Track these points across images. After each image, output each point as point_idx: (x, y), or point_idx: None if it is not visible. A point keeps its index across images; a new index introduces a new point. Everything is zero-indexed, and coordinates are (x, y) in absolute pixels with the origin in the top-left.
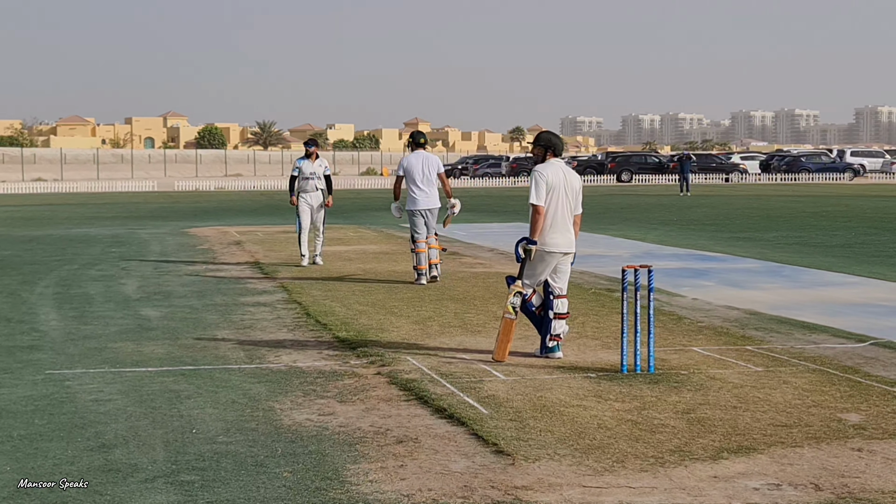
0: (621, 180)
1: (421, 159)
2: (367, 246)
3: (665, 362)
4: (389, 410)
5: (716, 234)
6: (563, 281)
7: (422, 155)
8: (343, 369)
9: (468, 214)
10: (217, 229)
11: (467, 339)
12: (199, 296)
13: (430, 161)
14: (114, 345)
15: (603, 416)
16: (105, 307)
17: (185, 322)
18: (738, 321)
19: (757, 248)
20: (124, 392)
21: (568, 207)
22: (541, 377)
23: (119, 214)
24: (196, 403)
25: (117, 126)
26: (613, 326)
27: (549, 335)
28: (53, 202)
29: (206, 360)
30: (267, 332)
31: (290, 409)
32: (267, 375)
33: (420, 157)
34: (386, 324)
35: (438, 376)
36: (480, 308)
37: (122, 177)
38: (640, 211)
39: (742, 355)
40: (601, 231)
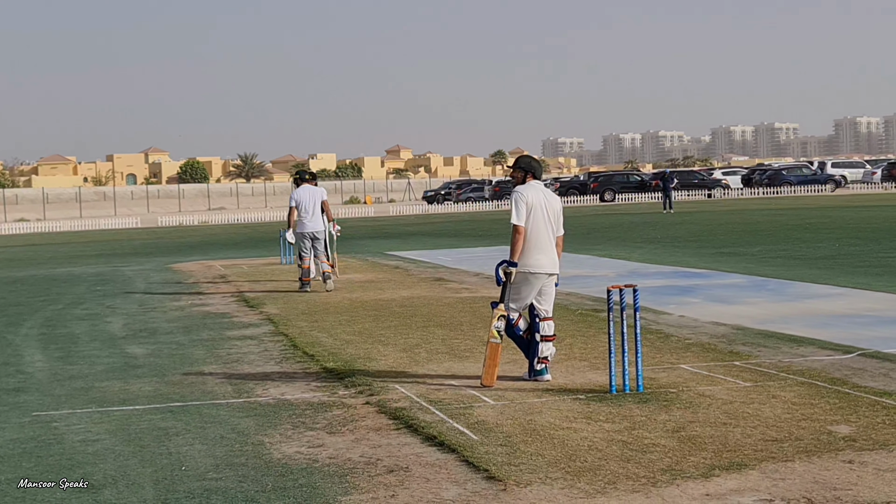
0: (604, 200)
1: (308, 192)
2: (353, 275)
3: (654, 381)
4: (379, 440)
5: (700, 251)
6: (548, 303)
7: (308, 188)
8: (331, 400)
9: (453, 240)
10: (202, 264)
11: (455, 365)
12: (185, 331)
13: (314, 193)
14: (100, 384)
15: (593, 438)
16: (91, 346)
17: (171, 358)
18: (726, 337)
19: (742, 263)
20: (112, 431)
21: (549, 229)
22: (530, 401)
23: (103, 252)
24: (185, 440)
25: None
26: (601, 347)
27: (537, 358)
28: (36, 242)
29: (193, 395)
30: (254, 366)
31: (279, 442)
32: (255, 409)
33: (307, 190)
34: (373, 353)
35: (427, 403)
36: (467, 333)
37: (104, 214)
38: (623, 230)
39: (730, 371)
40: (586, 251)
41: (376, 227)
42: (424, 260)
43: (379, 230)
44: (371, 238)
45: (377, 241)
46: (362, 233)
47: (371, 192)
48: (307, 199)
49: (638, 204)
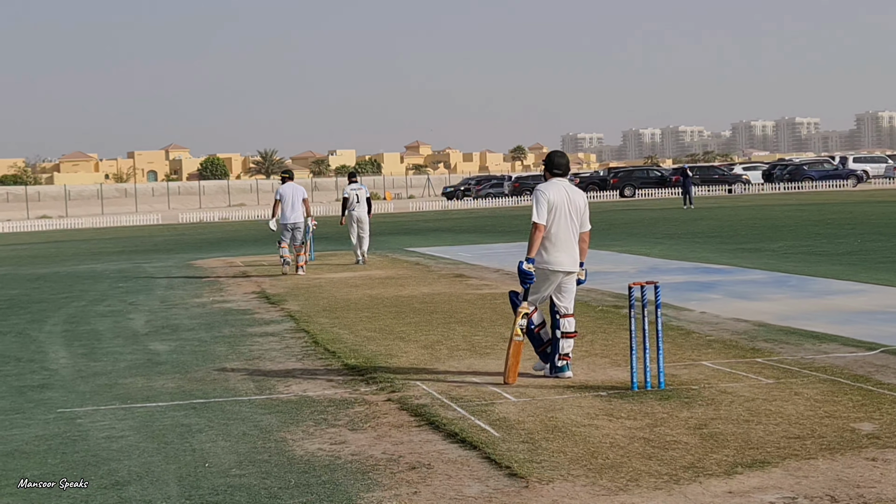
0: (624, 195)
1: (291, 189)
2: (373, 271)
3: (675, 378)
4: (401, 437)
5: (721, 247)
6: (568, 300)
7: (291, 185)
8: (353, 397)
9: (472, 236)
10: (223, 260)
11: (476, 362)
12: (207, 328)
13: (296, 190)
14: (124, 381)
15: (615, 435)
16: (114, 343)
17: (194, 355)
18: (747, 333)
19: (763, 259)
20: (136, 428)
21: (572, 226)
22: (551, 397)
23: (124, 249)
24: (208, 437)
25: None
26: (622, 343)
27: (558, 355)
28: (59, 239)
29: (216, 392)
30: (276, 363)
31: (301, 439)
32: (277, 406)
33: (290, 187)
34: (394, 349)
35: (449, 400)
36: (488, 330)
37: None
38: (644, 225)
39: (752, 368)
40: (606, 247)
41: (396, 223)
42: (444, 256)
43: (399, 226)
44: (391, 234)
45: (397, 237)
46: (382, 229)
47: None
48: (290, 194)
49: (658, 199)
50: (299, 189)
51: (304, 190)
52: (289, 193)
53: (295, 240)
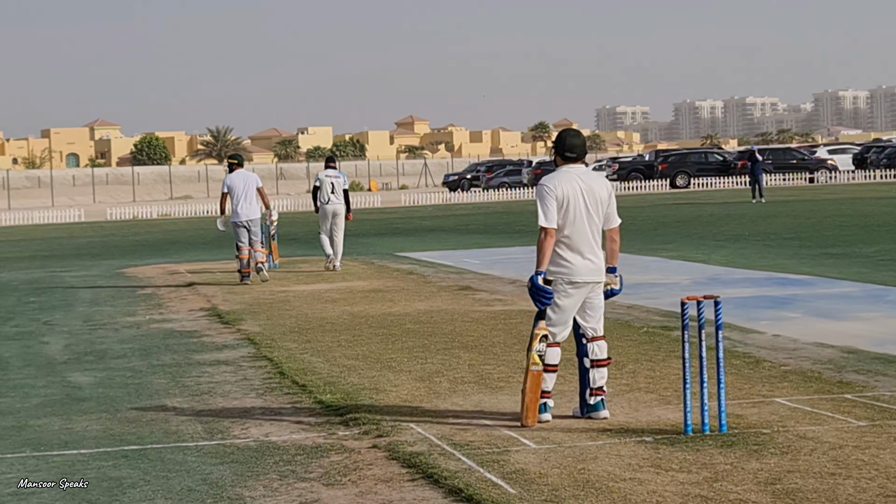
0: (676, 185)
1: (242, 178)
2: (355, 282)
3: (741, 419)
4: (390, 494)
5: (800, 251)
6: (595, 319)
7: (242, 174)
8: (329, 443)
9: (481, 237)
10: (163, 268)
11: (486, 399)
12: (142, 355)
13: (248, 179)
14: (36, 422)
15: (664, 492)
16: (24, 373)
17: (125, 389)
18: (833, 362)
19: (854, 268)
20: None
21: (592, 225)
22: (582, 444)
23: (37, 253)
24: (142, 493)
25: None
26: (673, 375)
27: (589, 389)
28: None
29: (153, 437)
30: (230, 399)
31: (262, 496)
32: (232, 454)
33: (241, 175)
34: (382, 382)
35: (451, 447)
36: (501, 358)
37: (39, 205)
38: (701, 224)
39: (840, 406)
40: (652, 252)
41: (384, 220)
42: (446, 263)
43: (387, 225)
44: (377, 235)
45: (385, 238)
46: (366, 228)
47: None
48: (241, 185)
49: (719, 191)
50: (252, 177)
51: (257, 178)
52: (239, 184)
53: (252, 240)
